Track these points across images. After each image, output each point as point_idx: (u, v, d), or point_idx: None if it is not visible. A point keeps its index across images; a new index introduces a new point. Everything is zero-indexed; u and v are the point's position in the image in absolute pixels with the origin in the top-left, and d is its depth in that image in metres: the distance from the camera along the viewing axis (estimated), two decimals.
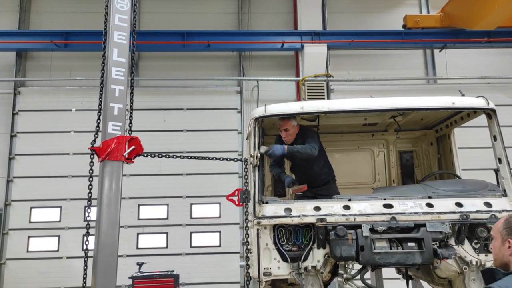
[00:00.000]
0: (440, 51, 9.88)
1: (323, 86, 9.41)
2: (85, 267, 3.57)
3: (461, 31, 9.44)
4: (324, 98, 9.33)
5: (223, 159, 4.07)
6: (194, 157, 3.96)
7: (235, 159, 4.08)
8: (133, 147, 3.67)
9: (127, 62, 3.84)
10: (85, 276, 3.55)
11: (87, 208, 3.69)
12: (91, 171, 3.70)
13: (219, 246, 8.91)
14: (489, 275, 2.16)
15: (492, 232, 2.24)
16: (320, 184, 4.97)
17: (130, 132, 3.84)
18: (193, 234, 8.98)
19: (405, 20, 9.68)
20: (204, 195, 8.94)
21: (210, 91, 9.67)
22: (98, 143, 3.71)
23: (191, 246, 8.91)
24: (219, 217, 8.98)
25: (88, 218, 3.66)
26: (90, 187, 3.69)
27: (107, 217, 3.52)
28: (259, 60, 9.97)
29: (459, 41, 9.59)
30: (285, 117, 4.34)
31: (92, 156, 3.68)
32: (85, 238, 3.65)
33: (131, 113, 3.90)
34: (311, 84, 9.33)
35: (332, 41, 9.55)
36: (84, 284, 3.57)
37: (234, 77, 9.79)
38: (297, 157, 4.63)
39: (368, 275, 5.55)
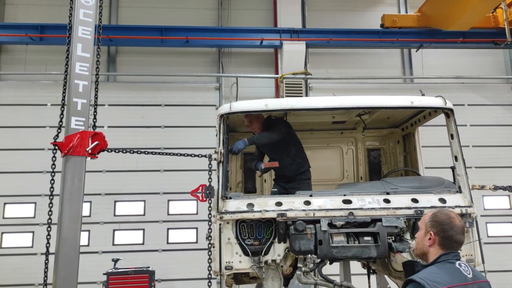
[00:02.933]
0: (416, 51, 10.03)
1: (301, 84, 9.48)
2: (46, 262, 3.58)
3: (437, 31, 9.60)
4: (302, 96, 9.41)
5: (187, 155, 4.12)
6: (158, 153, 4.00)
7: (199, 155, 4.13)
8: (96, 142, 3.68)
9: (92, 57, 3.85)
10: (46, 269, 3.56)
11: (49, 204, 3.70)
12: (53, 166, 3.70)
13: (196, 242, 8.93)
14: (409, 267, 2.27)
15: (419, 222, 2.36)
16: (292, 174, 5.07)
17: (94, 127, 3.86)
18: (170, 231, 8.99)
19: (382, 19, 9.78)
20: (182, 191, 8.92)
21: (189, 88, 9.67)
22: (61, 138, 3.71)
23: (167, 243, 8.92)
24: (196, 213, 9.01)
25: (50, 213, 3.67)
26: (52, 181, 3.69)
27: (69, 212, 3.54)
28: (238, 57, 10.00)
29: (435, 41, 9.76)
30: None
31: (54, 151, 3.68)
32: (48, 234, 3.66)
33: (95, 108, 3.90)
34: (290, 82, 9.38)
35: (310, 39, 9.62)
36: (45, 279, 3.58)
37: (213, 74, 9.81)
38: (264, 146, 4.78)
39: (337, 270, 5.68)
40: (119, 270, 7.57)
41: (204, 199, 3.88)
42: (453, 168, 4.02)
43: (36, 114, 9.12)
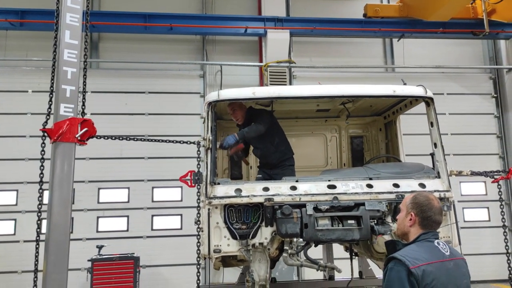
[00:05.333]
0: (398, 40, 10.20)
1: (285, 72, 9.56)
2: (37, 246, 3.62)
3: (418, 21, 9.79)
4: (286, 84, 9.50)
5: (176, 141, 4.18)
6: (148, 140, 4.05)
7: (188, 142, 4.20)
8: (85, 129, 3.71)
9: (80, 44, 3.85)
10: (37, 254, 3.60)
11: (39, 189, 3.72)
12: (43, 153, 3.72)
13: (181, 229, 9.03)
14: (391, 246, 2.43)
15: (401, 205, 2.51)
16: (276, 161, 5.20)
17: (83, 114, 3.88)
18: (154, 217, 9.05)
19: (365, 9, 9.93)
20: (166, 178, 8.98)
21: (173, 75, 9.65)
22: (50, 125, 3.73)
23: (152, 229, 8.99)
24: (181, 200, 9.08)
25: (40, 199, 3.70)
26: (42, 168, 3.71)
27: (59, 198, 3.58)
28: (222, 45, 10.01)
29: (416, 31, 9.94)
30: (232, 103, 4.73)
31: (44, 137, 3.70)
32: (38, 219, 3.69)
33: (84, 95, 3.92)
34: (274, 70, 9.45)
35: (295, 27, 9.69)
36: (36, 266, 3.62)
37: (197, 61, 9.80)
38: (251, 138, 4.89)
39: (320, 254, 5.87)
40: (104, 257, 7.61)
41: (193, 184, 3.96)
42: (432, 155, 4.19)
43: (17, 101, 9.00)
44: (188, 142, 4.19)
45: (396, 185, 3.91)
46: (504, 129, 10.25)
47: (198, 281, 4.16)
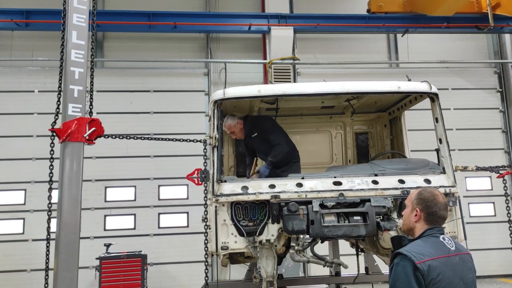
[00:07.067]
0: (402, 36, 10.18)
1: (290, 69, 9.57)
2: (48, 244, 3.67)
3: (422, 16, 9.76)
4: (290, 81, 9.51)
5: (183, 140, 4.22)
6: (154, 138, 4.10)
7: (195, 141, 4.24)
8: (93, 128, 3.76)
9: (87, 44, 3.89)
10: (48, 252, 3.66)
11: (49, 189, 3.77)
12: (52, 152, 3.77)
13: (187, 226, 9.09)
14: (397, 241, 2.45)
15: (406, 201, 2.53)
16: (282, 164, 5.22)
17: (90, 114, 3.92)
18: (161, 215, 9.12)
19: (369, 4, 9.89)
20: (172, 176, 9.03)
21: (178, 73, 9.69)
22: (59, 125, 3.77)
23: (159, 227, 9.06)
24: (187, 198, 9.14)
25: (50, 199, 3.75)
26: (51, 167, 3.76)
27: (68, 197, 3.62)
28: (227, 42, 10.03)
29: (421, 26, 9.90)
30: (226, 123, 4.90)
31: (52, 137, 3.75)
32: (48, 218, 3.74)
33: (91, 95, 3.96)
34: (278, 67, 9.46)
35: (298, 24, 9.69)
36: (47, 264, 3.67)
37: (201, 59, 9.83)
38: (252, 143, 5.15)
39: (326, 250, 5.90)
40: (112, 255, 7.68)
41: (200, 182, 4.00)
42: (437, 150, 4.21)
43: (23, 101, 9.07)
44: (195, 141, 4.24)
45: (401, 181, 3.94)
46: (510, 123, 10.21)
47: (207, 278, 4.22)
